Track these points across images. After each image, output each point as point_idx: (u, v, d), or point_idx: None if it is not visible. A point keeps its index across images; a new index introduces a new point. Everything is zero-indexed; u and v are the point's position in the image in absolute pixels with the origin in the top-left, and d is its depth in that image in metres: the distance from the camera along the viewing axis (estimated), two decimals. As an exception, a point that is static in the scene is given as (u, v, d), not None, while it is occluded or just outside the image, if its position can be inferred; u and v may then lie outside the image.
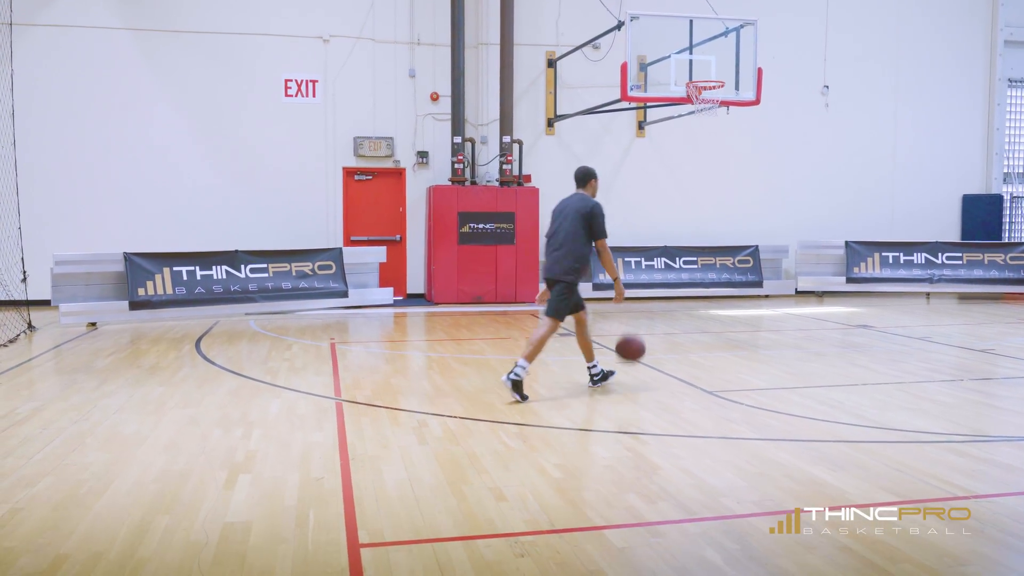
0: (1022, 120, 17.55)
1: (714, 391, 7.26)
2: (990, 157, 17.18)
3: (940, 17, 16.78)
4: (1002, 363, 8.96)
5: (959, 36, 16.91)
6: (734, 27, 11.85)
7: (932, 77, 16.81)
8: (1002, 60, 17.00)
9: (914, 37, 16.65)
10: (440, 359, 9.03)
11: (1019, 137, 17.54)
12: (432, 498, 4.54)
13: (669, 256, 15.23)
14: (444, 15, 14.69)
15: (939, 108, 16.89)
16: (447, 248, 14.14)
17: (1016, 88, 17.42)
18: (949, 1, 16.82)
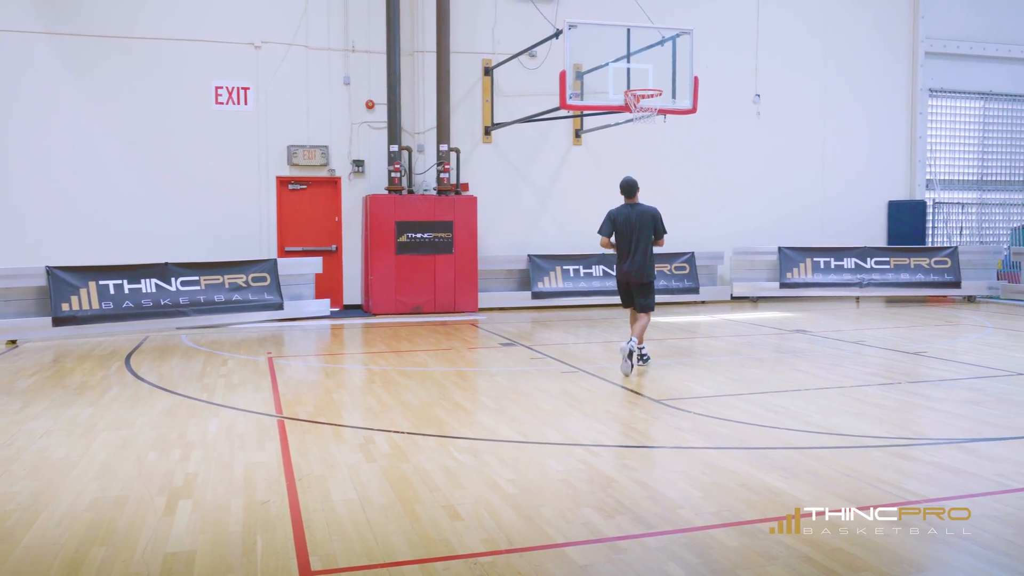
0: (943, 129, 18.15)
1: (662, 400, 7.25)
2: (914, 164, 17.71)
3: (865, 29, 17.26)
4: (934, 365, 9.18)
5: (883, 48, 17.41)
6: (670, 36, 11.96)
7: (858, 87, 17.26)
8: (923, 71, 17.55)
9: (840, 48, 17.08)
10: (382, 372, 8.86)
11: (940, 145, 18.12)
12: (384, 519, 4.40)
13: (607, 264, 15.27)
14: (379, 22, 14.50)
15: (865, 117, 17.35)
16: (385, 258, 13.93)
17: (936, 98, 18.01)
18: (873, 14, 17.30)
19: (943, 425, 6.50)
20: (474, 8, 15.05)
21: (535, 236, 15.49)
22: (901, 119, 17.69)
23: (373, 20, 14.57)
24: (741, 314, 14.21)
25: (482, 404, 7.24)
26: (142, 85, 13.64)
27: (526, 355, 9.87)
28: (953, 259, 15.90)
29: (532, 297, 14.77)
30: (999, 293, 15.93)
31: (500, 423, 6.48)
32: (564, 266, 15.08)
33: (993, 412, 6.75)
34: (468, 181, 14.91)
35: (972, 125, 18.42)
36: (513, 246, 15.30)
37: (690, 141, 16.09)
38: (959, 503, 4.56)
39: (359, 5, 14.57)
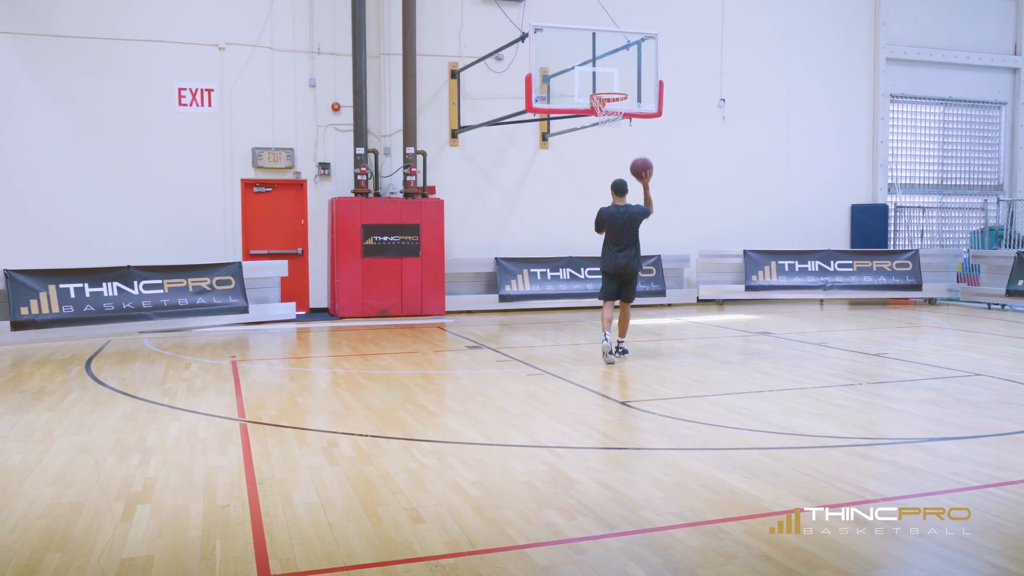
0: (904, 134, 18.45)
1: (626, 401, 7.29)
2: (875, 169, 17.98)
3: (827, 35, 17.49)
4: (895, 366, 9.31)
5: (846, 54, 17.66)
6: (636, 40, 12.03)
7: (821, 92, 17.49)
8: (884, 76, 17.83)
9: (804, 54, 17.30)
10: (347, 375, 8.80)
11: (901, 150, 18.42)
12: (345, 522, 4.37)
13: (574, 267, 15.34)
14: (345, 24, 14.44)
15: (828, 122, 17.59)
16: (351, 261, 13.86)
17: (897, 103, 18.30)
18: (836, 20, 17.55)
19: (902, 425, 6.60)
20: (440, 11, 15.04)
21: (502, 239, 15.50)
22: (863, 124, 17.95)
23: (339, 22, 14.51)
24: (707, 316, 14.32)
25: (447, 407, 7.22)
26: (104, 86, 13.47)
27: (492, 358, 9.87)
28: (914, 262, 16.16)
29: (499, 300, 14.78)
30: (959, 295, 16.21)
31: (465, 425, 6.47)
32: (531, 269, 15.11)
33: (951, 412, 6.86)
34: (435, 184, 14.90)
35: (932, 130, 18.74)
36: (480, 249, 15.30)
37: (656, 145, 16.16)
38: (914, 502, 4.63)
39: (324, 7, 14.50)
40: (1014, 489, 4.84)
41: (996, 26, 18.81)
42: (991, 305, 15.61)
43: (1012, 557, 3.91)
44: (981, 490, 4.83)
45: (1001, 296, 15.26)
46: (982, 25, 18.68)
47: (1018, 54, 18.90)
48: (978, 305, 15.84)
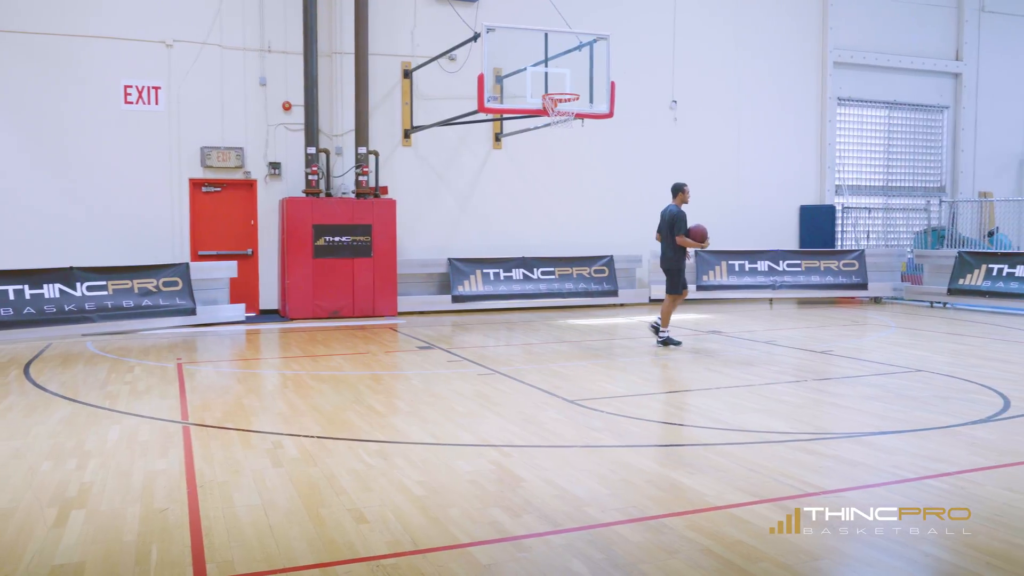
0: (850, 136, 18.79)
1: (575, 400, 7.30)
2: (823, 170, 18.28)
3: (777, 39, 17.74)
4: (840, 363, 9.47)
5: (794, 57, 17.93)
6: (588, 41, 12.08)
7: (770, 95, 17.73)
8: (832, 80, 18.14)
9: (754, 57, 17.53)
10: (296, 377, 8.70)
11: (848, 152, 18.76)
12: (287, 524, 4.31)
13: (527, 267, 15.35)
14: (296, 22, 14.29)
15: (778, 124, 17.84)
16: (302, 262, 13.71)
17: (844, 106, 18.63)
18: (785, 24, 17.81)
19: (845, 420, 6.70)
20: (393, 10, 14.96)
21: (455, 239, 15.46)
22: (812, 126, 18.24)
23: (290, 20, 14.35)
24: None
25: (396, 407, 7.17)
26: (46, 83, 13.15)
27: (443, 358, 9.83)
28: (860, 262, 16.46)
29: (452, 300, 14.74)
30: (903, 294, 16.55)
31: (412, 425, 6.43)
32: (484, 269, 15.09)
33: (892, 407, 6.99)
34: (387, 184, 14.81)
35: (878, 133, 19.12)
36: (433, 249, 15.24)
37: (609, 146, 16.30)
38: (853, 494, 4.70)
39: (275, 5, 14.33)
40: (949, 480, 4.94)
41: (939, 32, 19.25)
42: (934, 303, 15.96)
43: (944, 546, 3.99)
44: (917, 482, 4.92)
45: (943, 295, 15.62)
46: (926, 31, 19.10)
47: (960, 60, 19.35)
48: (921, 304, 16.18)
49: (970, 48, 19.38)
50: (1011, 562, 3.78)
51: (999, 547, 3.96)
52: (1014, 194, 19.92)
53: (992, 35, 19.63)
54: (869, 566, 3.82)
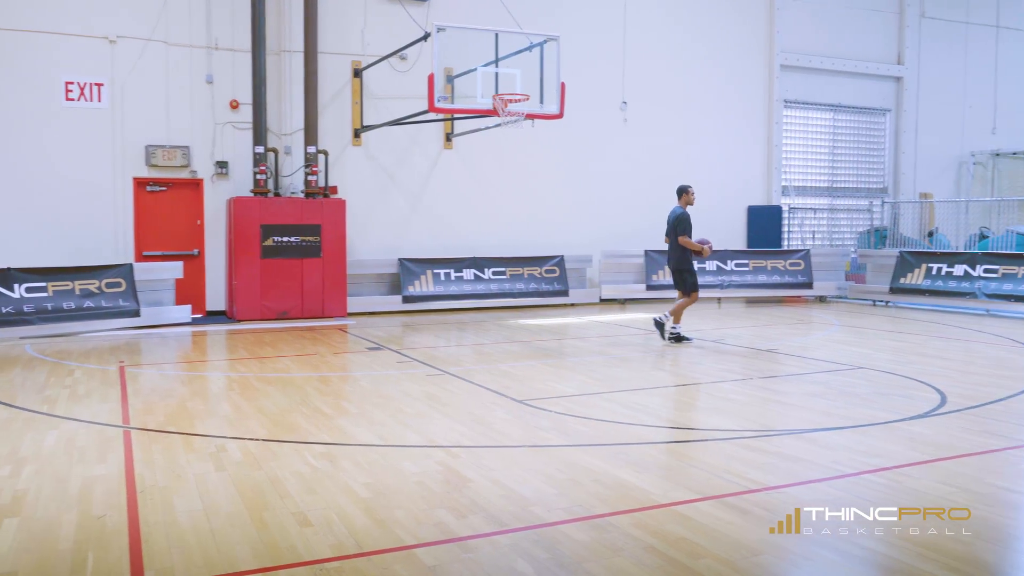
0: (796, 138, 19.12)
1: (524, 400, 7.31)
2: (770, 171, 18.57)
3: (726, 41, 17.97)
4: (785, 361, 9.63)
5: (742, 60, 18.18)
6: (538, 42, 12.11)
7: (719, 97, 17.96)
8: (779, 82, 18.44)
9: (702, 59, 17.73)
10: (242, 379, 8.58)
11: (794, 153, 19.08)
12: (229, 528, 4.24)
13: (478, 267, 15.34)
14: (244, 19, 14.10)
15: (726, 125, 18.07)
16: (249, 262, 13.52)
17: (791, 108, 18.95)
18: (733, 27, 18.05)
19: (789, 417, 6.82)
20: (343, 8, 14.84)
21: (406, 239, 15.38)
22: (759, 128, 18.52)
23: (237, 17, 14.15)
24: (609, 315, 14.52)
25: (343, 409, 7.12)
26: (-18, 79, 12.79)
27: (393, 359, 9.78)
28: (806, 261, 16.76)
29: (403, 301, 14.67)
30: (847, 293, 16.89)
31: (360, 427, 6.38)
32: (435, 270, 15.04)
33: (834, 404, 7.13)
34: (337, 184, 14.68)
35: (823, 135, 19.48)
36: (384, 249, 15.15)
37: (560, 146, 16.36)
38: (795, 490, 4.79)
39: (222, 2, 14.10)
40: (886, 475, 5.05)
41: (881, 37, 19.69)
42: (876, 302, 16.32)
43: (882, 539, 4.07)
44: (856, 477, 5.03)
45: (885, 293, 15.97)
46: (869, 36, 19.52)
47: (901, 64, 19.81)
48: (864, 302, 16.53)
49: (911, 53, 19.85)
50: (943, 553, 3.88)
51: (932, 539, 4.05)
52: (953, 195, 20.44)
53: (932, 40, 20.14)
54: (807, 560, 3.90)
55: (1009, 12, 21.16)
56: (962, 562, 3.78)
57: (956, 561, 3.79)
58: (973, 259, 14.90)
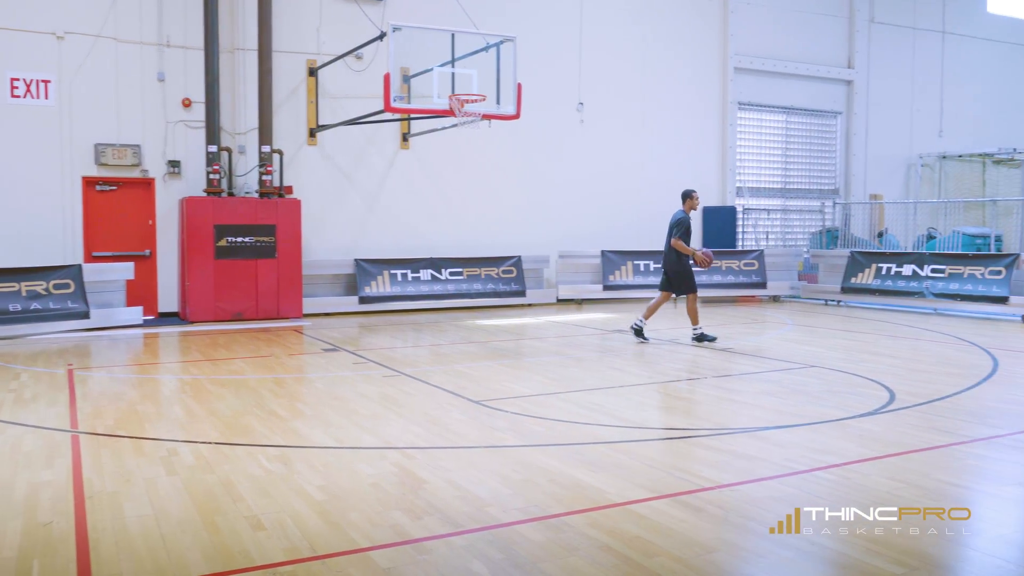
0: (750, 140, 19.37)
1: (480, 400, 7.31)
2: (725, 172, 18.79)
3: (681, 44, 18.15)
4: (739, 360, 9.75)
5: (697, 62, 18.38)
6: (495, 43, 12.11)
7: (675, 98, 18.13)
8: (733, 85, 18.67)
9: (658, 61, 17.89)
10: (194, 381, 8.45)
11: (748, 155, 19.34)
12: (180, 533, 4.18)
13: (435, 267, 15.30)
14: (196, 16, 13.89)
15: (681, 127, 18.25)
16: (203, 263, 13.33)
17: (745, 110, 19.20)
18: (688, 30, 18.23)
19: (742, 416, 6.91)
20: (298, 7, 14.69)
21: (363, 240, 15.29)
22: (714, 129, 18.73)
23: (190, 14, 13.94)
24: (566, 316, 14.58)
25: (298, 411, 7.05)
26: (-77, 75, 12.44)
27: (349, 360, 9.71)
28: (760, 262, 16.98)
29: (359, 302, 14.57)
30: (800, 293, 17.16)
31: (315, 429, 6.33)
32: (392, 270, 14.97)
33: (786, 402, 7.23)
34: (292, 184, 14.53)
35: (776, 137, 19.77)
36: (340, 250, 15.03)
37: (517, 146, 16.38)
38: (748, 488, 4.85)
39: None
40: (836, 472, 5.14)
41: (832, 41, 20.04)
42: (828, 301, 16.61)
43: (830, 535, 4.14)
44: (807, 474, 5.11)
45: (837, 293, 16.26)
46: (820, 40, 19.86)
47: (852, 68, 20.19)
48: (817, 302, 16.81)
49: (861, 57, 20.23)
50: (891, 548, 3.96)
51: (880, 534, 4.13)
52: (902, 197, 20.88)
53: (881, 45, 20.56)
54: (761, 557, 3.95)
55: (954, 18, 21.70)
56: (909, 555, 3.86)
57: (903, 555, 3.87)
58: (921, 259, 15.23)
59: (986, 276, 14.01)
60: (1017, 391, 7.98)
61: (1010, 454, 5.69)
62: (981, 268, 14.14)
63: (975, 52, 22.10)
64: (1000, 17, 22.59)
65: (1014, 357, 9.88)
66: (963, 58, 21.87)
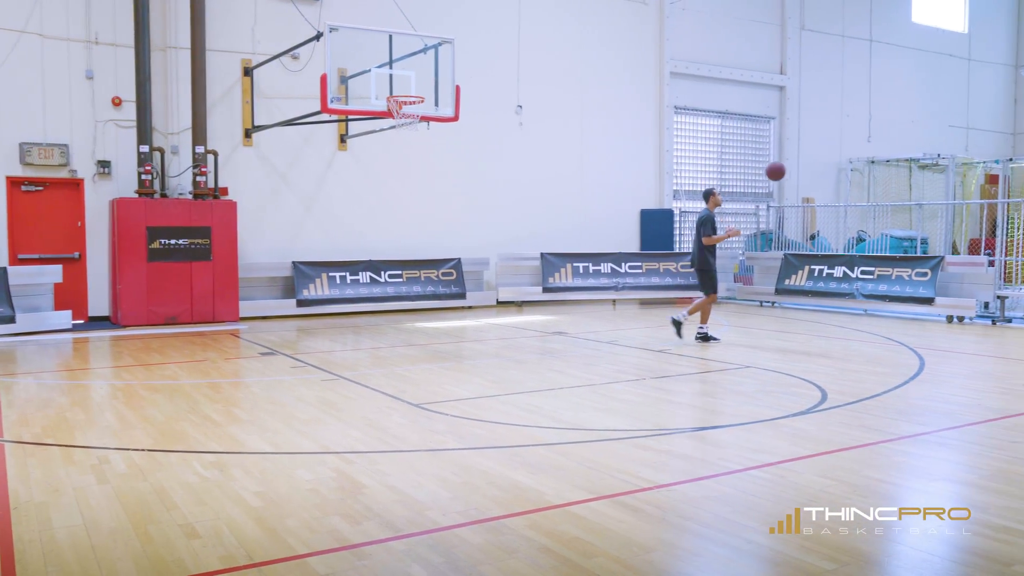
0: (687, 143, 19.68)
1: (420, 404, 7.28)
2: (662, 175, 19.06)
3: (617, 48, 18.35)
4: (677, 361, 9.89)
5: (634, 66, 18.60)
6: (433, 44, 12.08)
7: (612, 102, 18.32)
8: (669, 89, 18.94)
9: (595, 65, 18.06)
10: (127, 387, 8.25)
11: (685, 158, 19.63)
12: (111, 543, 4.07)
13: (374, 270, 15.20)
14: (126, 13, 13.57)
15: (619, 130, 18.45)
16: (135, 266, 13.02)
17: (681, 114, 19.50)
18: (626, 34, 18.44)
19: (680, 416, 7.01)
20: (232, 5, 14.45)
21: (300, 242, 15.10)
22: (651, 133, 18.97)
23: (119, 11, 13.61)
24: (506, 318, 14.61)
25: (234, 416, 6.93)
26: None
27: (287, 364, 9.58)
28: (697, 264, 17.23)
29: (297, 305, 14.39)
30: (736, 294, 17.50)
31: (251, 435, 6.23)
32: (331, 273, 14.82)
33: (722, 402, 7.37)
34: (228, 185, 14.28)
35: (711, 141, 20.12)
36: (277, 252, 14.83)
37: (456, 149, 16.36)
38: (685, 487, 4.92)
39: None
40: (770, 470, 5.25)
41: (765, 47, 20.49)
42: (763, 303, 16.96)
43: (765, 533, 4.23)
44: (742, 472, 5.21)
45: (771, 294, 16.62)
46: (754, 46, 20.28)
47: (784, 74, 20.66)
48: (752, 303, 17.15)
49: (792, 63, 20.72)
50: (822, 544, 4.06)
51: (812, 531, 4.24)
52: (833, 200, 21.43)
53: (811, 52, 21.09)
54: (697, 556, 4.01)
55: (881, 27, 22.37)
56: (841, 552, 3.97)
57: (836, 552, 3.97)
58: (851, 261, 15.64)
59: (913, 278, 14.46)
60: (942, 389, 8.26)
61: (935, 451, 5.88)
62: (908, 270, 14.60)
63: (901, 60, 22.83)
64: (924, 27, 23.38)
65: (939, 356, 10.22)
66: (890, 66, 22.57)
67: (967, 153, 23.02)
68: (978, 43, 24.46)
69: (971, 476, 5.28)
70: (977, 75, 24.52)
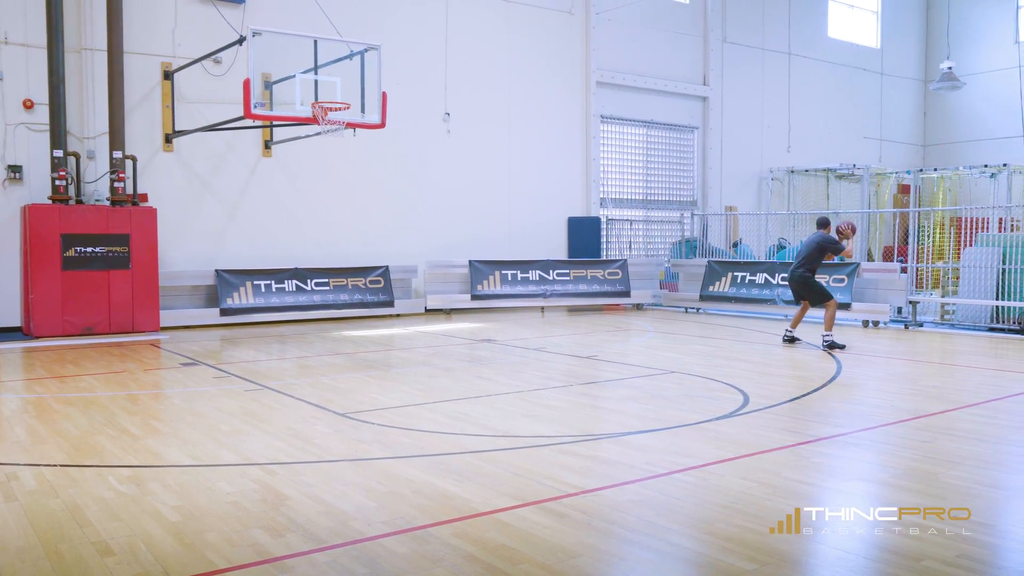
0: (613, 152, 19.94)
1: (346, 413, 7.19)
2: (589, 184, 19.26)
3: (545, 57, 18.50)
4: (604, 367, 9.99)
5: (561, 75, 18.77)
6: (359, 50, 12.00)
7: (539, 110, 18.45)
8: (595, 98, 19.17)
9: (523, 73, 18.16)
10: (38, 400, 7.94)
11: (611, 167, 19.89)
12: (19, 564, 3.91)
13: (300, 278, 14.97)
14: (38, 12, 13.11)
15: (546, 139, 18.59)
16: (48, 274, 12.56)
17: (607, 123, 19.75)
18: (551, 43, 18.60)
19: (606, 422, 7.07)
20: (151, 7, 14.10)
21: (224, 250, 14.79)
22: (577, 142, 19.16)
23: (31, 9, 13.15)
24: (434, 326, 14.55)
25: (153, 429, 6.73)
26: None
27: (209, 374, 9.36)
28: (623, 271, 17.48)
29: (221, 314, 14.08)
30: (661, 301, 17.78)
31: (170, 447, 6.06)
32: (255, 281, 14.54)
33: (647, 407, 7.46)
34: (147, 191, 13.91)
35: (637, 150, 20.43)
36: (199, 260, 14.49)
37: (383, 156, 16.26)
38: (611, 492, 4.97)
39: (13, -7, 13.08)
40: (693, 474, 5.34)
41: (689, 59, 20.92)
42: (688, 309, 17.27)
43: (688, 535, 4.30)
44: (667, 476, 5.28)
45: (696, 300, 16.93)
46: (678, 57, 20.68)
47: (707, 85, 21.11)
48: (677, 309, 17.45)
49: (715, 75, 21.20)
50: (743, 545, 4.14)
51: (734, 532, 4.32)
52: (754, 208, 21.97)
53: (733, 64, 21.62)
54: (622, 560, 4.04)
55: (799, 41, 23.06)
56: (761, 552, 4.05)
57: (756, 552, 4.05)
58: (772, 268, 16.04)
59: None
60: (858, 392, 8.52)
61: (852, 451, 6.06)
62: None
63: (818, 73, 23.57)
64: (839, 41, 24.20)
65: (856, 360, 10.54)
66: (807, 79, 23.28)
67: (881, 164, 23.87)
68: (890, 58, 25.44)
69: (885, 475, 5.45)
70: (889, 89, 25.47)
